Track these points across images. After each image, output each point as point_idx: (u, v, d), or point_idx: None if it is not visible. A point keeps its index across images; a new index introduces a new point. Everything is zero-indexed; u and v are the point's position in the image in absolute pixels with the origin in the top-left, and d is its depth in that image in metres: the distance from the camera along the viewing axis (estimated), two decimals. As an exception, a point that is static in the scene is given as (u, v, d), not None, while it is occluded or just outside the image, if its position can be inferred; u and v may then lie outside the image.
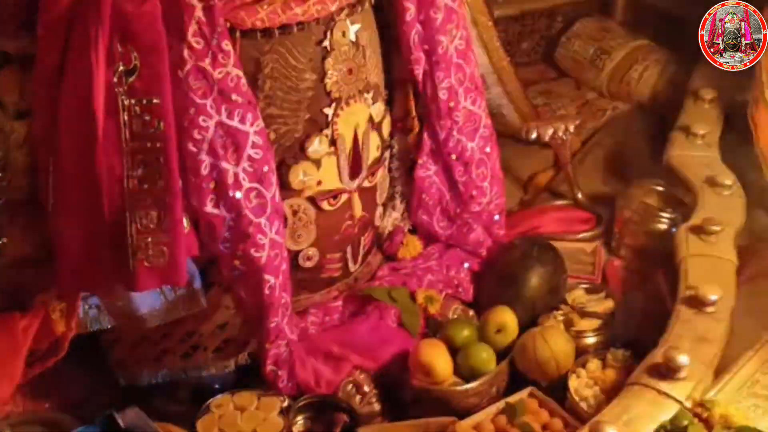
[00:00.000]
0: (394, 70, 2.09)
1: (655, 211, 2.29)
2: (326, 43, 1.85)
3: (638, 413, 1.72)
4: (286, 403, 1.86)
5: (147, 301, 1.82)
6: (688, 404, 1.72)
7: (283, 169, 1.88)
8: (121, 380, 1.91)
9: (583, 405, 1.85)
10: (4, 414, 1.72)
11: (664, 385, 1.75)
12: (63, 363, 1.84)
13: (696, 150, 2.39)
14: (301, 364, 1.89)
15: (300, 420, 1.87)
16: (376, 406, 1.91)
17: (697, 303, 1.91)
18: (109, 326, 1.85)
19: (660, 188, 2.35)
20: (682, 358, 1.77)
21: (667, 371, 1.77)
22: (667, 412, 1.71)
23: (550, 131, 2.44)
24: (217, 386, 1.90)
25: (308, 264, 2.01)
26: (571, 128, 2.46)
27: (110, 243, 1.67)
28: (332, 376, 1.92)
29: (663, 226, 2.26)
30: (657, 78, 2.80)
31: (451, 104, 2.07)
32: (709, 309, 1.90)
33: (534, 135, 2.44)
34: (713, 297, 1.90)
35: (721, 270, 2.02)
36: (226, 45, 1.69)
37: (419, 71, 2.03)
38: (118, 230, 1.66)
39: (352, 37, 1.89)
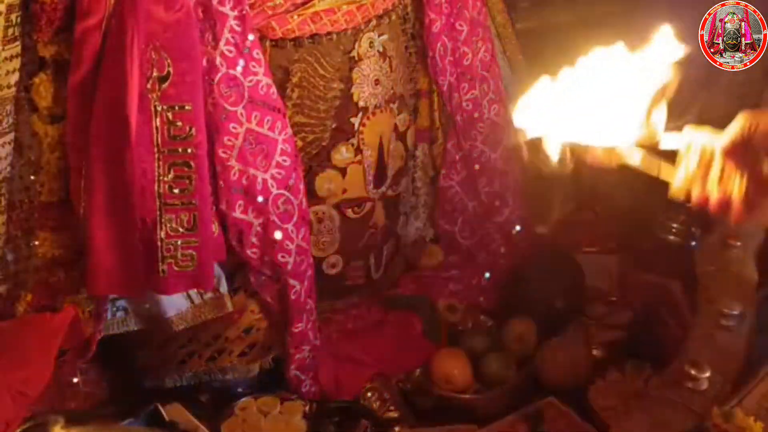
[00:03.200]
0: (419, 81, 2.12)
1: (675, 224, 2.29)
2: (354, 53, 1.88)
3: (657, 424, 1.73)
4: (308, 408, 1.88)
5: (174, 305, 1.84)
6: (708, 416, 1.73)
7: (309, 177, 1.90)
8: (146, 382, 1.92)
9: (602, 415, 1.86)
10: (30, 413, 1.73)
11: (683, 397, 1.76)
12: (90, 364, 1.87)
13: (717, 165, 2.39)
14: (324, 369, 1.91)
15: (322, 425, 1.89)
16: (397, 413, 1.93)
17: (717, 317, 1.92)
18: (136, 329, 1.87)
19: (680, 202, 2.35)
20: (702, 370, 1.78)
21: (687, 383, 1.78)
22: (686, 423, 1.72)
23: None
24: (240, 390, 1.92)
25: (332, 271, 2.03)
26: (592, 141, 2.46)
27: (140, 246, 1.69)
28: (354, 383, 1.93)
29: (683, 240, 2.27)
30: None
31: (476, 115, 2.09)
32: (729, 323, 1.91)
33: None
34: (733, 311, 1.92)
35: (741, 285, 2.03)
36: (257, 53, 1.71)
37: (444, 82, 2.06)
38: (147, 234, 1.68)
39: (379, 48, 1.92)
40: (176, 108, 1.65)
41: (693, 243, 2.20)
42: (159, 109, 1.65)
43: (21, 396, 1.69)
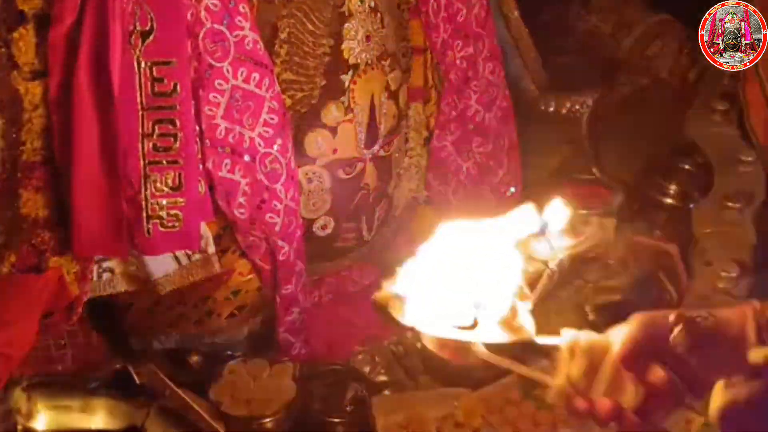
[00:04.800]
0: (411, 39, 2.07)
1: (672, 186, 2.27)
2: (344, 8, 1.83)
3: (653, 387, 1.71)
4: (298, 371, 1.86)
5: (161, 266, 1.81)
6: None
7: (298, 136, 1.86)
8: (133, 345, 1.90)
9: (597, 379, 1.84)
10: (17, 376, 1.71)
11: (679, 360, 1.74)
12: (77, 326, 1.84)
13: (715, 126, 2.37)
14: (314, 332, 1.89)
15: (312, 388, 1.87)
16: (388, 377, 1.91)
17: (715, 279, 1.90)
18: (123, 290, 1.84)
19: (678, 164, 2.33)
20: (699, 333, 1.76)
21: (683, 346, 1.76)
22: (683, 386, 1.70)
23: (568, 105, 2.42)
24: (229, 353, 1.90)
25: (322, 233, 2.00)
26: (589, 102, 2.44)
27: (125, 206, 1.66)
28: (345, 345, 1.92)
29: (680, 202, 2.25)
30: (677, 53, 2.76)
31: (470, 74, 2.05)
32: (726, 285, 1.89)
33: (552, 108, 2.42)
34: (731, 274, 1.89)
35: (739, 247, 2.01)
36: (243, 8, 1.67)
37: (438, 39, 2.01)
38: (132, 193, 1.65)
39: (371, 3, 1.87)
40: (160, 64, 1.62)
41: (691, 205, 2.17)
42: (142, 65, 1.62)
43: (4, 358, 1.68)
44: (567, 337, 1.12)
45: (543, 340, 1.14)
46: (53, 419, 1.58)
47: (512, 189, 2.22)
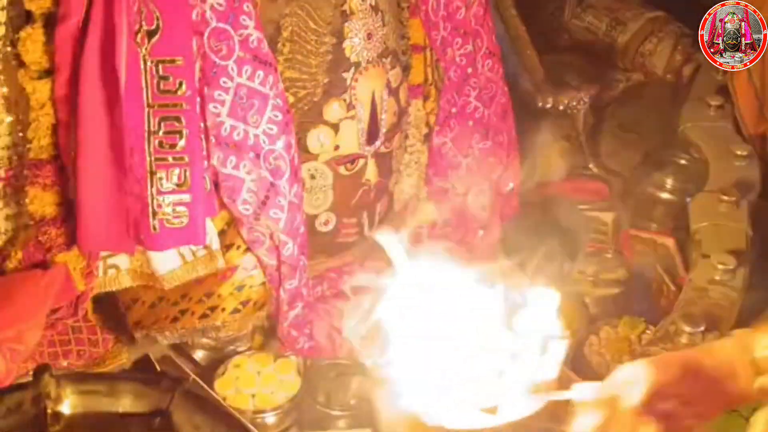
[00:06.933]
0: (412, 36, 2.08)
1: (668, 181, 2.29)
2: (346, 6, 1.85)
3: (651, 379, 1.73)
4: (302, 365, 1.88)
5: (166, 262, 1.82)
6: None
7: (301, 133, 1.88)
8: (138, 340, 1.92)
9: (597, 372, 1.86)
10: (24, 371, 1.73)
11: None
12: (82, 322, 1.86)
13: (710, 121, 2.39)
14: (318, 326, 1.91)
15: (316, 382, 1.89)
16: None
17: (711, 272, 1.93)
18: (128, 286, 1.86)
19: (674, 159, 2.35)
20: (696, 325, 1.78)
21: (681, 338, 1.78)
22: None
23: (565, 101, 2.44)
24: (234, 347, 1.92)
25: (325, 228, 2.01)
26: (586, 98, 2.46)
27: (131, 203, 1.67)
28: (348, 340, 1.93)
29: (677, 196, 2.27)
30: (672, 50, 2.79)
31: (469, 71, 2.06)
32: (723, 278, 1.91)
33: (549, 105, 2.44)
34: (727, 266, 1.92)
35: (734, 240, 2.03)
36: (248, 6, 1.68)
37: (437, 37, 2.03)
38: (138, 190, 1.66)
39: (372, 2, 1.88)
40: (166, 62, 1.63)
41: (687, 199, 2.20)
42: (148, 63, 1.63)
43: (13, 353, 1.69)
44: (582, 391, 1.16)
45: (559, 395, 1.18)
46: (81, 403, 1.59)
47: (510, 185, 2.24)
